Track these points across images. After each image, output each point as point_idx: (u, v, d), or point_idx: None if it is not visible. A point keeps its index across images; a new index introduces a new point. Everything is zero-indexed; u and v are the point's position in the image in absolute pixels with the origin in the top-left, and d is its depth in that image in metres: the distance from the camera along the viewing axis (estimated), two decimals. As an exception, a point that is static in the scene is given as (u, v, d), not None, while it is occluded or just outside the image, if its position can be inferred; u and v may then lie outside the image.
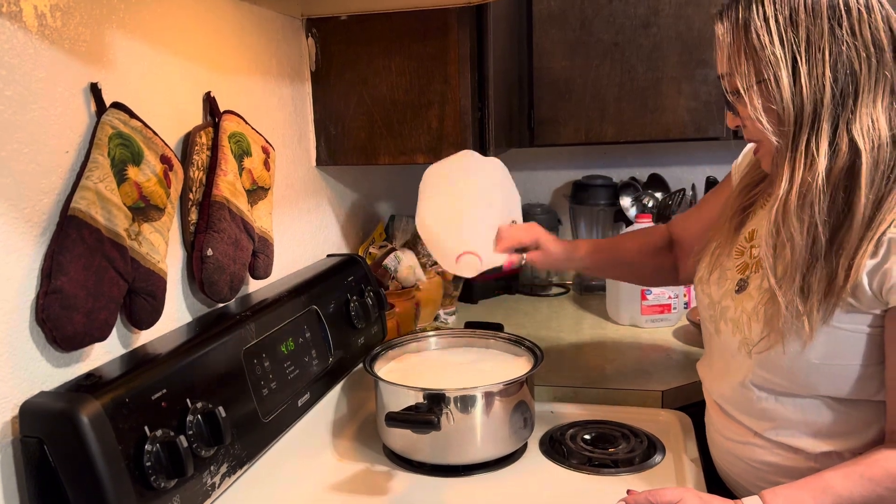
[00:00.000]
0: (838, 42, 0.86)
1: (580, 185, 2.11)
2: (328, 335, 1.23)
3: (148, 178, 0.87)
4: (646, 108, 1.77)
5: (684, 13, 1.71)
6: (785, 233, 0.91)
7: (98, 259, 0.79)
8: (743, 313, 1.02)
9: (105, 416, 0.74)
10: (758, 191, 1.09)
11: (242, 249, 1.07)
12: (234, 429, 0.93)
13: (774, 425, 1.01)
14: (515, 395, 1.17)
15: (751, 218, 1.08)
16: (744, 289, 1.04)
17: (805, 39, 0.87)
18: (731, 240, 1.08)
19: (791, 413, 1.00)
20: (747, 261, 1.05)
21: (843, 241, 0.89)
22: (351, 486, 1.14)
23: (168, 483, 0.80)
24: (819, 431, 0.99)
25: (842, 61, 0.87)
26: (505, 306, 2.02)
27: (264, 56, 1.25)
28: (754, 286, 1.02)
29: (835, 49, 0.87)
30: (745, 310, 1.02)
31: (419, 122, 1.39)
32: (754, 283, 1.02)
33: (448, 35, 1.35)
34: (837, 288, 0.90)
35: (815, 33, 0.87)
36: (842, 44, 0.86)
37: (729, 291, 1.06)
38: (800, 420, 0.99)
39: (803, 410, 0.99)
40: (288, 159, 1.35)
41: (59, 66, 0.80)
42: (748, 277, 1.04)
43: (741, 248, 1.07)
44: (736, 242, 1.08)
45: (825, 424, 0.98)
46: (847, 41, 0.86)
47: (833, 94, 0.87)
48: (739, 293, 1.04)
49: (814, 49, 0.87)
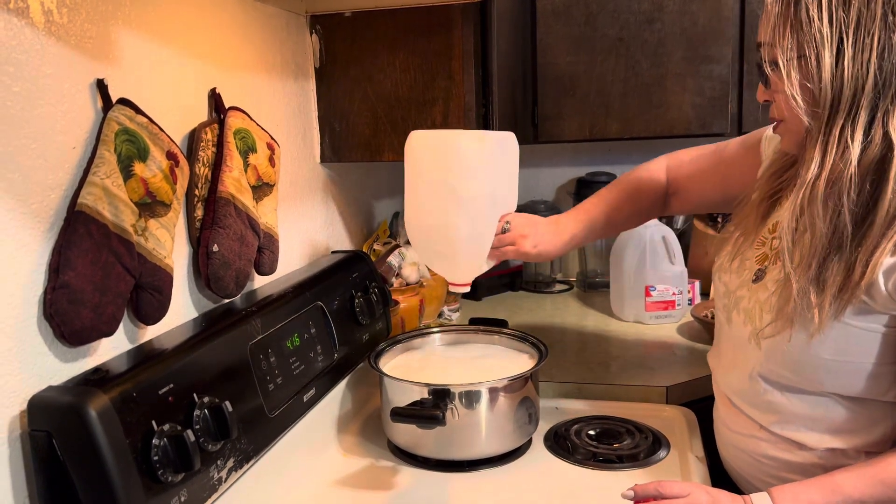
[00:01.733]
0: (889, 29, 0.83)
1: (584, 182, 2.11)
2: (333, 331, 1.23)
3: (154, 173, 0.87)
4: (650, 104, 1.77)
5: (689, 9, 1.71)
6: (808, 218, 0.89)
7: (105, 254, 0.80)
8: (756, 304, 1.01)
9: (113, 411, 0.74)
10: (785, 177, 1.05)
11: (248, 245, 1.07)
12: (241, 423, 0.93)
13: (780, 419, 1.01)
14: (520, 391, 1.17)
15: (776, 208, 1.06)
16: (760, 279, 1.02)
17: (855, 21, 0.83)
18: (755, 229, 1.06)
19: (797, 408, 0.99)
20: (767, 252, 1.04)
21: (865, 235, 0.87)
22: (356, 480, 1.15)
23: (175, 477, 0.80)
24: (824, 428, 0.98)
25: (890, 49, 0.83)
26: (509, 303, 2.02)
27: (269, 53, 1.26)
28: (771, 277, 1.00)
29: (884, 36, 0.83)
30: (759, 300, 1.01)
31: (423, 118, 1.39)
32: (771, 275, 1.01)
33: (452, 31, 1.35)
34: (853, 283, 0.88)
35: (866, 16, 0.83)
36: (893, 32, 0.83)
37: (746, 281, 1.05)
38: (806, 415, 0.99)
39: (810, 406, 0.98)
40: (292, 156, 1.35)
41: (66, 63, 0.80)
42: (766, 268, 1.02)
43: (763, 238, 1.06)
44: (760, 232, 1.06)
45: (831, 421, 0.97)
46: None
47: (875, 83, 0.83)
48: (755, 283, 1.03)
49: (863, 32, 0.83)
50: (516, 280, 2.13)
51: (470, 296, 2.04)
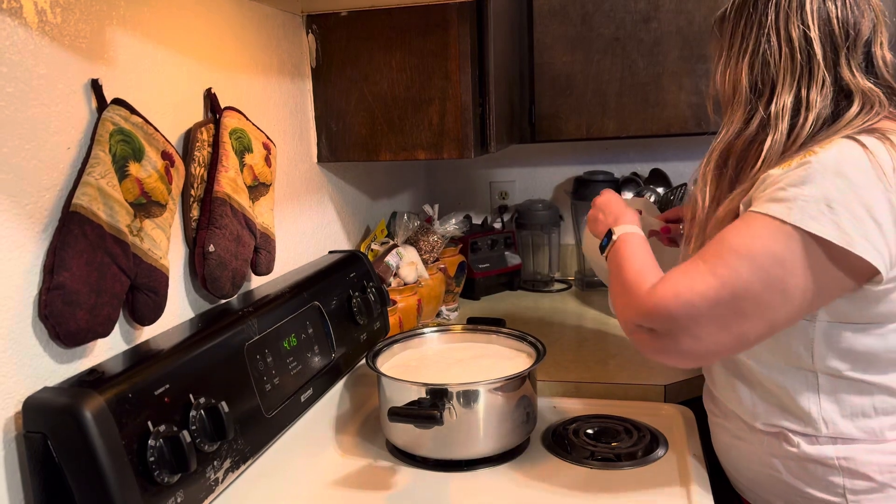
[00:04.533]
0: (757, 41, 0.98)
1: (582, 181, 2.11)
2: (330, 331, 1.23)
3: (149, 174, 0.87)
4: (647, 103, 1.77)
5: (685, 8, 1.71)
6: (699, 185, 1.03)
7: (100, 255, 0.80)
8: None
9: (108, 412, 0.74)
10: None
11: (244, 245, 1.07)
12: (238, 424, 0.93)
13: (741, 406, 1.05)
14: (518, 390, 1.17)
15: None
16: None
17: (730, 35, 1.02)
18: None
19: (738, 387, 1.05)
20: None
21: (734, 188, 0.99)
22: (354, 481, 1.14)
23: (171, 478, 0.80)
24: (753, 404, 1.03)
25: (758, 57, 0.98)
26: (507, 302, 2.02)
27: (265, 52, 1.25)
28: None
29: (755, 46, 0.98)
30: None
31: (420, 118, 1.39)
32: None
33: (448, 31, 1.35)
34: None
35: (743, 30, 1.00)
36: (760, 42, 0.98)
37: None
38: (747, 398, 1.04)
39: (739, 387, 1.05)
40: (289, 156, 1.35)
41: (60, 63, 0.80)
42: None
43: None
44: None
45: (756, 397, 1.03)
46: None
47: (749, 83, 0.99)
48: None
49: (737, 45, 1.01)
50: (514, 279, 2.12)
51: (468, 295, 2.04)
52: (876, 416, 0.95)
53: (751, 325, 0.90)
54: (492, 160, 2.26)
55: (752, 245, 0.88)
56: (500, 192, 2.30)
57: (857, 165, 0.86)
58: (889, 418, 0.95)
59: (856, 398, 0.96)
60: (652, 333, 0.93)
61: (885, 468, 0.94)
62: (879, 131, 0.89)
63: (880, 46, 0.96)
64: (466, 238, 2.02)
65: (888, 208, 0.86)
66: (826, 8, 0.94)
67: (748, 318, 0.89)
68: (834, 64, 0.94)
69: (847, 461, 0.96)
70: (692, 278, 0.90)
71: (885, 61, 0.96)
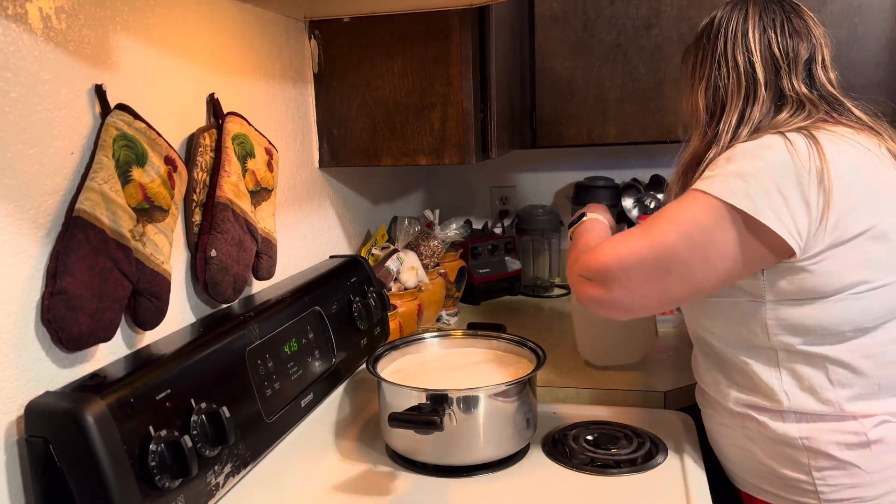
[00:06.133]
0: (712, 70, 1.11)
1: (582, 187, 2.11)
2: (331, 336, 1.23)
3: (152, 179, 0.87)
4: (648, 109, 1.77)
5: (686, 14, 1.72)
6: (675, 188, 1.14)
7: (103, 260, 0.80)
8: None
9: (110, 416, 0.74)
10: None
11: (246, 250, 1.07)
12: (238, 429, 0.93)
13: (717, 389, 1.13)
14: (518, 396, 1.17)
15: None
16: None
17: (692, 66, 1.16)
18: None
19: (713, 370, 1.13)
20: None
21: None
22: (354, 486, 1.14)
23: (172, 483, 0.80)
24: (727, 385, 1.11)
25: (712, 85, 1.11)
26: (507, 307, 2.02)
27: (267, 58, 1.26)
28: None
29: (711, 74, 1.11)
30: None
31: (421, 123, 1.40)
32: None
33: (450, 37, 1.35)
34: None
35: (701, 61, 1.13)
36: (713, 73, 1.10)
37: None
38: (721, 380, 1.12)
39: (714, 370, 1.14)
40: (291, 161, 1.35)
41: (64, 68, 0.81)
42: None
43: None
44: None
45: (717, 373, 1.12)
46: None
47: (706, 107, 1.12)
48: None
49: (697, 73, 1.14)
50: (514, 284, 2.13)
51: (468, 300, 2.04)
52: (833, 387, 1.01)
53: (673, 283, 1.01)
54: (492, 165, 2.26)
55: (680, 213, 1.01)
56: (501, 198, 2.31)
57: (773, 149, 0.97)
58: (845, 390, 1.01)
59: (811, 371, 1.02)
60: (590, 283, 1.06)
61: (843, 446, 1.00)
62: (807, 129, 1.00)
63: (821, 65, 1.08)
64: (467, 243, 2.02)
65: (797, 188, 0.95)
66: (767, 36, 1.07)
67: (672, 276, 1.01)
68: (775, 82, 1.06)
69: (809, 441, 1.02)
70: (629, 238, 1.04)
71: (827, 78, 1.08)
